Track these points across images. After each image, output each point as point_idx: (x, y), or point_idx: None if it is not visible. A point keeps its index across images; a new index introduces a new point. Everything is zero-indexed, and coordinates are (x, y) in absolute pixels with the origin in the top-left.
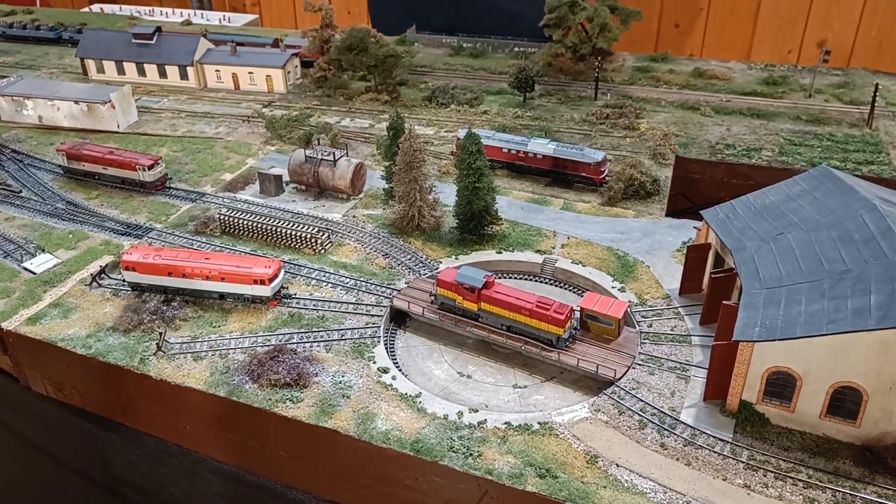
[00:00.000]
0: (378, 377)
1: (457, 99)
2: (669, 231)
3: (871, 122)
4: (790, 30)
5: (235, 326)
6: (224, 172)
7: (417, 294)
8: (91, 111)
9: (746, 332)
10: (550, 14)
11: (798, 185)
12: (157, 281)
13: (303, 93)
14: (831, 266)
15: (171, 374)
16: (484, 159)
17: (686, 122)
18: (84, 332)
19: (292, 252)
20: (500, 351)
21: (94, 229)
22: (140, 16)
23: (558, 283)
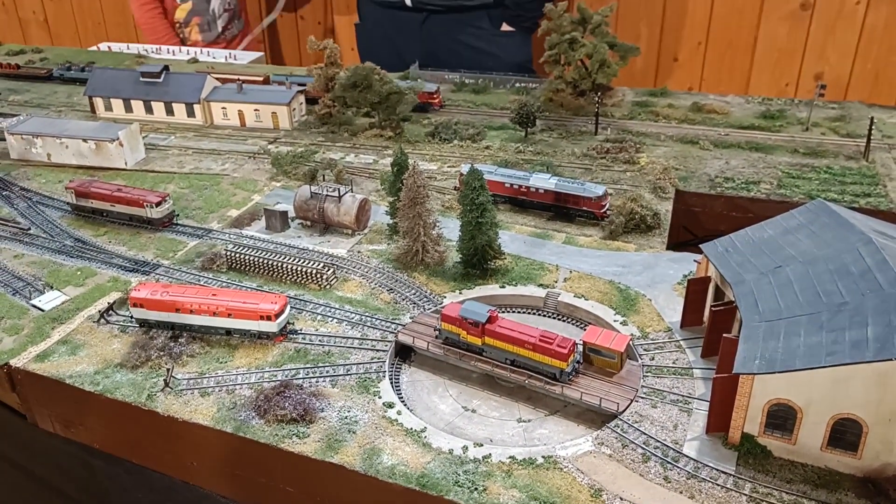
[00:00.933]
0: (383, 412)
1: (459, 134)
2: (670, 264)
3: (867, 155)
4: (787, 62)
5: (242, 362)
6: (230, 209)
7: (422, 329)
8: (99, 149)
9: (747, 364)
10: (551, 51)
11: (795, 218)
12: (165, 317)
13: (308, 129)
14: (829, 299)
15: (179, 410)
16: (486, 195)
17: (685, 155)
18: (92, 369)
19: (298, 287)
20: (504, 385)
21: (102, 266)
22: (147, 54)
23: (561, 317)
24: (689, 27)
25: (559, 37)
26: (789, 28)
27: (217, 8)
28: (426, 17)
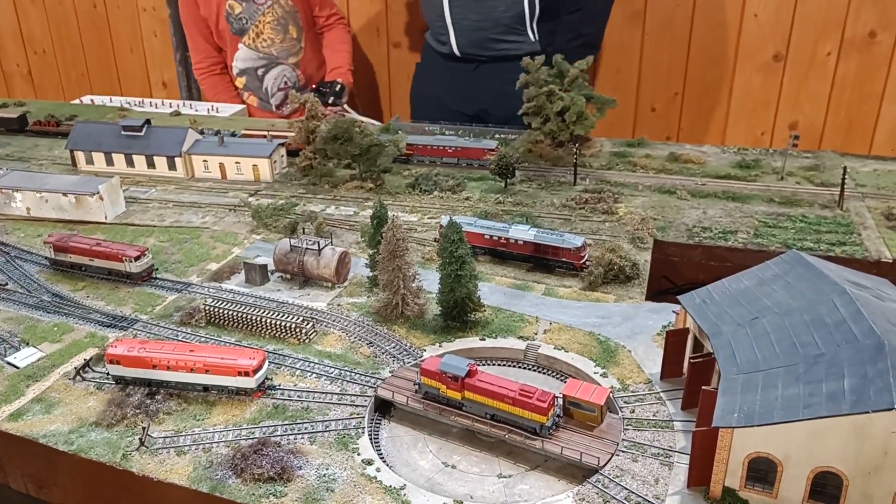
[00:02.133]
0: (362, 469)
1: (440, 186)
2: (650, 315)
3: (841, 204)
4: (763, 112)
5: (219, 419)
6: (210, 262)
7: (402, 383)
8: (79, 203)
9: (725, 417)
10: (529, 103)
11: (770, 269)
12: (142, 374)
13: (289, 181)
14: (805, 350)
15: (154, 469)
16: (466, 247)
17: (663, 205)
18: (66, 428)
19: (277, 342)
20: (484, 440)
21: (80, 321)
22: (130, 107)
23: (541, 370)
24: (666, 78)
25: (537, 90)
26: (763, 78)
27: (271, 87)
28: (476, 66)
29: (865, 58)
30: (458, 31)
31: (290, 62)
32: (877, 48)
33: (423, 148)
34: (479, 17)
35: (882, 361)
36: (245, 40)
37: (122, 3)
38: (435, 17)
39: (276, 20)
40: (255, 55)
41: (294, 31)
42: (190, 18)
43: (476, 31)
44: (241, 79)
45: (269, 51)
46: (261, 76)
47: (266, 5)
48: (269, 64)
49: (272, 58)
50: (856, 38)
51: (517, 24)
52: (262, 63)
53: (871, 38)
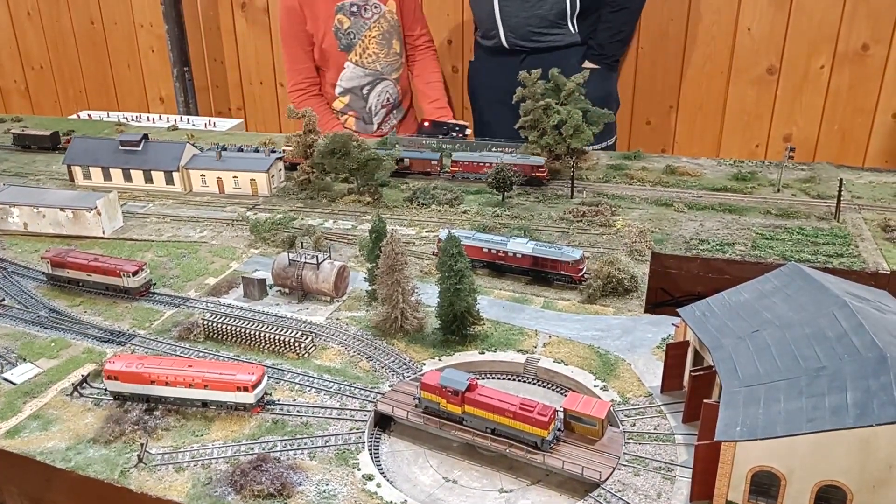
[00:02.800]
0: (363, 485)
1: (437, 199)
2: (649, 328)
3: (838, 216)
4: (757, 125)
5: (218, 435)
6: (208, 277)
7: (401, 397)
8: (76, 218)
9: (728, 431)
10: (525, 117)
11: (770, 282)
12: (140, 390)
13: (287, 196)
14: (807, 363)
15: (153, 486)
16: (464, 261)
17: (660, 218)
18: (64, 445)
19: (276, 356)
20: (485, 454)
21: (77, 337)
22: (127, 122)
23: (541, 383)
24: (661, 91)
25: (533, 103)
26: (757, 91)
27: (375, 105)
28: (524, 57)
29: (858, 71)
30: (507, 27)
31: (393, 77)
32: (869, 61)
33: (468, 164)
34: (527, 14)
35: (885, 374)
36: (352, 57)
37: (120, 20)
38: (485, 16)
39: (382, 34)
40: (362, 72)
41: (397, 45)
42: (293, 35)
43: (523, 28)
44: (344, 98)
45: (374, 66)
46: (365, 94)
47: (373, 19)
48: (374, 81)
49: (377, 74)
50: (848, 52)
51: (559, 20)
52: (367, 80)
53: (864, 52)
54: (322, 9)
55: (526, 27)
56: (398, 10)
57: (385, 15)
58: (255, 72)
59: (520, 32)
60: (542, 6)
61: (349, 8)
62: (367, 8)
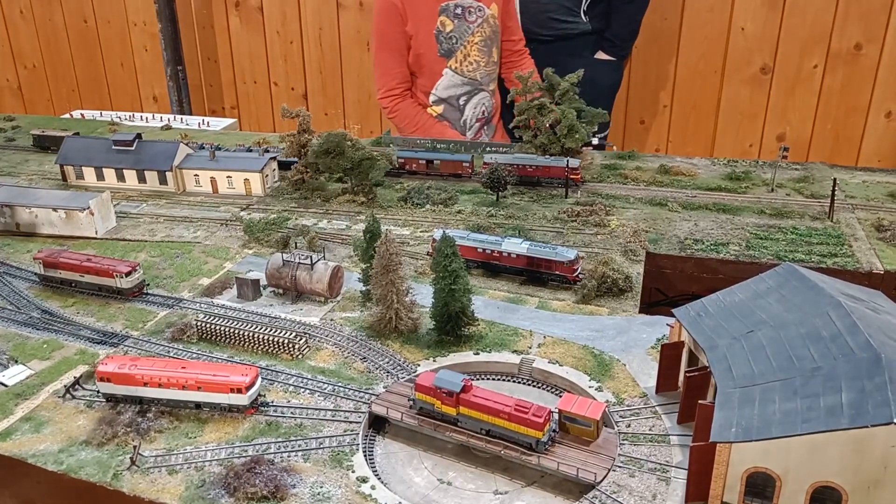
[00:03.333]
0: (357, 487)
1: (432, 199)
2: (643, 328)
3: (832, 216)
4: (750, 124)
5: (212, 437)
6: (202, 277)
7: (396, 399)
8: (69, 218)
9: (723, 432)
10: (520, 116)
11: (765, 282)
12: (133, 391)
13: (281, 195)
14: (802, 363)
15: (145, 489)
16: (459, 261)
17: (655, 217)
18: (56, 447)
19: (270, 358)
20: (480, 455)
21: (70, 338)
22: (120, 121)
23: (536, 384)
24: (655, 90)
25: (528, 103)
26: (751, 91)
27: (470, 118)
28: (534, 47)
29: (851, 70)
30: (525, 12)
31: (490, 89)
32: (862, 61)
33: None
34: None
35: (879, 375)
36: (451, 63)
37: (113, 19)
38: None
39: (484, 40)
40: (460, 80)
41: (496, 53)
42: (390, 36)
43: (542, 13)
44: (437, 108)
45: (473, 75)
46: (462, 105)
47: (476, 23)
48: (472, 91)
49: (475, 84)
50: (841, 51)
51: (574, 8)
52: (465, 90)
53: (857, 51)
54: (425, 9)
55: (544, 13)
56: (500, 15)
57: (488, 19)
58: (248, 71)
59: (538, 18)
60: None
61: (453, 10)
62: (472, 11)
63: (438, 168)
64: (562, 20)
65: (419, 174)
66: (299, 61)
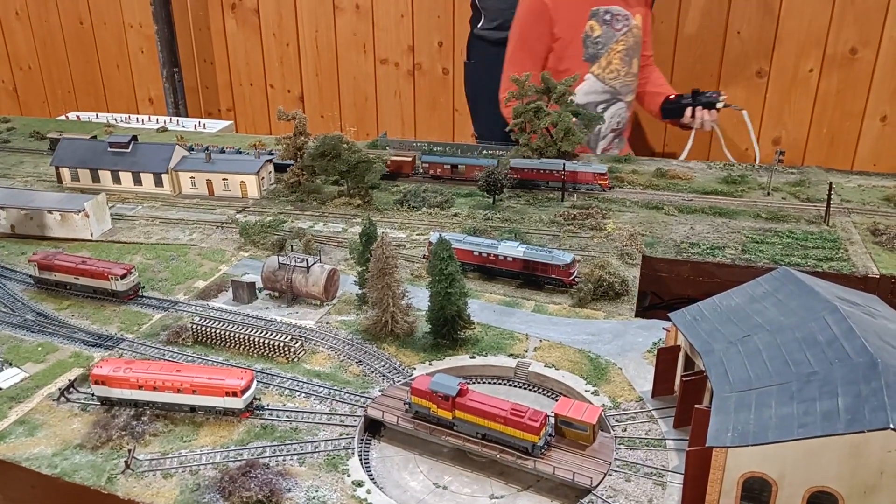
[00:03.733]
0: (352, 491)
1: (428, 202)
2: (640, 332)
3: (828, 219)
4: (745, 128)
5: (207, 440)
6: (197, 280)
7: (392, 402)
8: (64, 220)
9: (719, 437)
10: (516, 119)
11: (761, 286)
12: (128, 395)
13: (277, 198)
14: (798, 368)
15: (140, 493)
16: (455, 265)
17: (651, 221)
18: (50, 451)
19: (265, 361)
20: (476, 460)
21: (64, 341)
22: (116, 123)
23: (532, 388)
24: None
25: (524, 106)
26: (746, 94)
27: (605, 128)
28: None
29: (847, 74)
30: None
31: (627, 100)
32: (858, 65)
33: (530, 172)
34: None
35: (876, 380)
36: (594, 69)
37: (109, 20)
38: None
39: (626, 50)
40: (601, 87)
41: (636, 65)
42: (534, 37)
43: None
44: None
45: (613, 83)
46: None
47: (622, 32)
48: (611, 100)
49: (614, 92)
50: (837, 55)
51: None
52: (604, 98)
53: (853, 55)
54: (576, 12)
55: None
56: (643, 27)
57: (633, 29)
58: (245, 73)
59: None
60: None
61: (603, 15)
62: (619, 19)
63: (463, 173)
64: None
65: (443, 179)
66: (296, 63)
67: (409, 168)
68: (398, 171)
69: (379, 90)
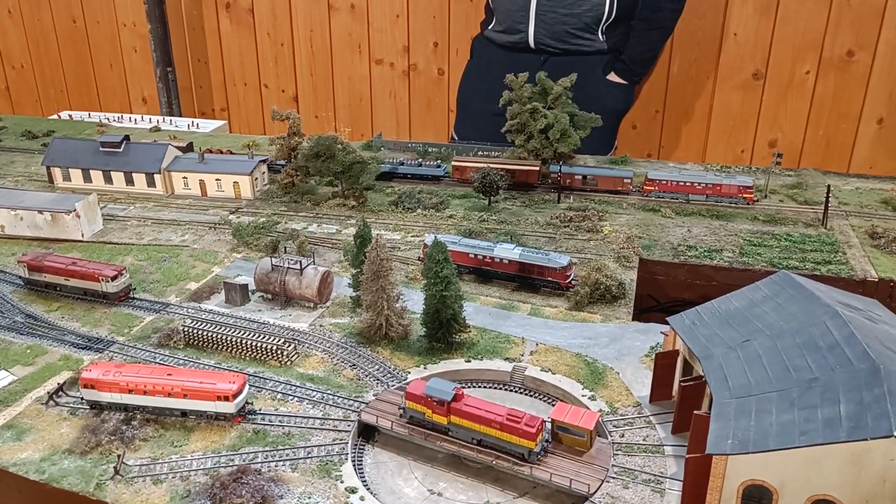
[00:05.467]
0: (346, 498)
1: (423, 203)
2: (637, 336)
3: (825, 222)
4: (742, 130)
5: (198, 446)
6: (189, 281)
7: (386, 407)
8: (55, 220)
9: (719, 444)
10: (512, 120)
11: (761, 290)
12: (118, 399)
13: (270, 199)
14: (798, 374)
15: (129, 499)
16: (451, 268)
17: (647, 223)
18: (38, 456)
19: (258, 364)
20: (471, 466)
21: (54, 343)
22: (109, 122)
23: (528, 392)
24: (647, 96)
25: (520, 107)
26: (743, 97)
27: None
28: (545, 59)
29: (843, 77)
30: (540, 22)
31: None
32: (854, 67)
33: (669, 185)
34: (567, 12)
35: (878, 387)
36: None
37: (102, 19)
38: (515, 8)
39: None
40: None
41: None
42: None
43: (558, 25)
44: None
45: None
46: None
47: None
48: None
49: None
50: (834, 58)
51: (593, 25)
52: None
53: (849, 58)
54: None
55: (561, 25)
56: None
57: None
58: (239, 73)
59: (554, 30)
60: (580, 6)
61: None
62: None
63: (595, 184)
64: (578, 35)
65: (574, 190)
66: (290, 63)
67: (536, 178)
68: (524, 182)
69: (374, 90)
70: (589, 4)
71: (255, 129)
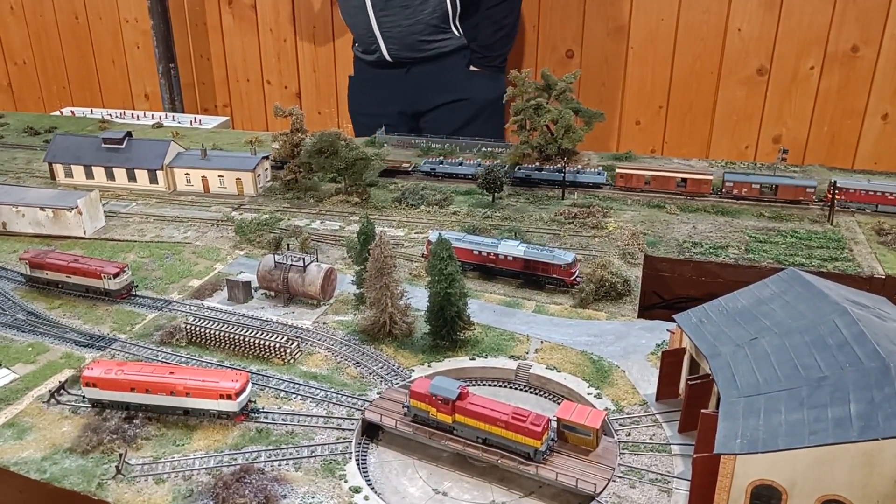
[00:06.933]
0: (350, 497)
1: (427, 200)
2: (643, 333)
3: (831, 219)
4: (746, 126)
5: (200, 445)
6: (192, 279)
7: (390, 405)
8: (57, 217)
9: (728, 444)
10: (516, 116)
11: (768, 288)
12: (119, 397)
13: (273, 195)
14: (807, 372)
15: (131, 499)
16: (455, 265)
17: (652, 220)
18: (39, 455)
19: (261, 362)
20: (476, 465)
21: (55, 341)
22: (111, 119)
23: (533, 391)
24: (650, 92)
25: (524, 103)
26: (747, 92)
27: None
28: (408, 69)
29: (848, 72)
30: (388, 38)
31: None
32: (859, 63)
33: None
34: (410, 22)
35: (889, 386)
36: None
37: (104, 15)
38: (362, 30)
39: None
40: None
41: None
42: None
43: (407, 36)
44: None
45: None
46: None
47: None
48: None
49: None
50: (838, 53)
51: (443, 24)
52: None
53: (854, 53)
54: None
55: (410, 35)
56: None
57: None
58: (241, 69)
59: (405, 42)
60: (423, 11)
61: None
62: None
63: (775, 193)
64: (431, 40)
65: (749, 199)
66: (293, 59)
67: (708, 188)
68: (696, 192)
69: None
70: (430, 6)
71: (257, 125)
